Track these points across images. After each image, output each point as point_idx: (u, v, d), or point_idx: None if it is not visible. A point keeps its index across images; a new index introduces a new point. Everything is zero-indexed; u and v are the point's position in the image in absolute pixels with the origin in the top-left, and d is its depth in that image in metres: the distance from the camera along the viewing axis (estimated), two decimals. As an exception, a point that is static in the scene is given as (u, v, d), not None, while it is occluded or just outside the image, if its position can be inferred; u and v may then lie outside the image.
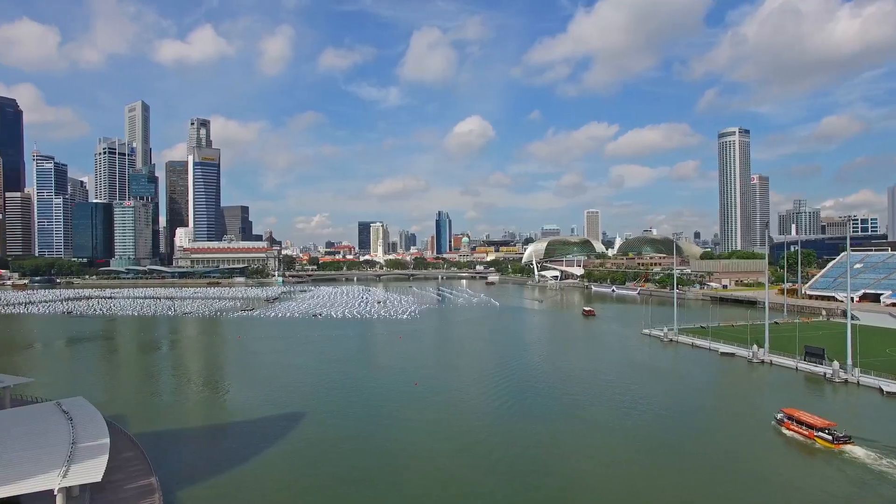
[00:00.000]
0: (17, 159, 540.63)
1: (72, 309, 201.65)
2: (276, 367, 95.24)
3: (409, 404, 70.31)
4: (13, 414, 46.95)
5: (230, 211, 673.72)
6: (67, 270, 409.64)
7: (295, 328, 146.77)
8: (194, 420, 64.74)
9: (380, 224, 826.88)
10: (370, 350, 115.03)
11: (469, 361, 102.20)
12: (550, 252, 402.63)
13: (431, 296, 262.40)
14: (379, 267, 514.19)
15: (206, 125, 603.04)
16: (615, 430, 59.76)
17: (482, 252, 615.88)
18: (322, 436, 58.10)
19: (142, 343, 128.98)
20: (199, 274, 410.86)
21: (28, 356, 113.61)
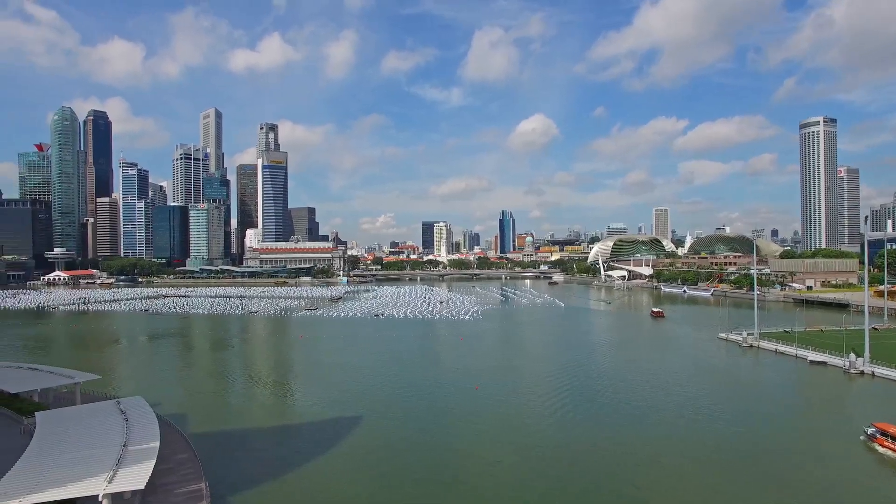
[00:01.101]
0: (107, 167, 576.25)
1: (148, 307, 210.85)
2: (336, 368, 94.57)
3: (470, 409, 67.47)
4: (76, 412, 47.29)
5: (297, 212, 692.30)
6: (148, 270, 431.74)
7: (357, 328, 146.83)
8: (251, 421, 64.16)
9: (443, 224, 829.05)
10: (431, 351, 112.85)
11: (532, 364, 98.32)
12: (617, 251, 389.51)
13: (494, 296, 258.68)
14: (442, 267, 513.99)
15: (274, 129, 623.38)
16: (688, 441, 55.07)
17: (546, 251, 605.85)
18: (380, 441, 56.08)
19: (208, 341, 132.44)
20: (267, 273, 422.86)
21: (103, 352, 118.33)
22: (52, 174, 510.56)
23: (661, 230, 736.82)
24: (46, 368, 65.19)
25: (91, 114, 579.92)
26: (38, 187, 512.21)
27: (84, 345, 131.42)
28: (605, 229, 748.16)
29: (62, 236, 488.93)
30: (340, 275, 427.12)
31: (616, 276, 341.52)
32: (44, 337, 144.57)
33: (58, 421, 43.86)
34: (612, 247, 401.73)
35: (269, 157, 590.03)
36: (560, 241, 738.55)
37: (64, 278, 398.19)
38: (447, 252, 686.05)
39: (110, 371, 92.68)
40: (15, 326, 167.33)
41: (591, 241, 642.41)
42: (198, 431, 57.10)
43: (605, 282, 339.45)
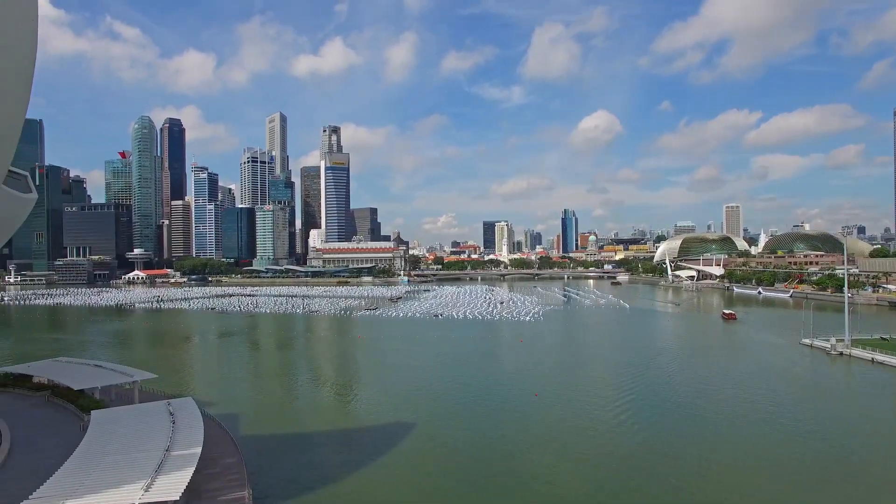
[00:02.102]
0: (181, 172, 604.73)
1: (215, 306, 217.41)
2: (393, 370, 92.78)
3: (529, 415, 63.87)
4: (127, 412, 46.99)
5: (360, 213, 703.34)
6: (217, 270, 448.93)
7: (415, 328, 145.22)
8: (303, 424, 62.77)
9: (504, 223, 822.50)
10: (490, 353, 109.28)
11: (594, 369, 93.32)
12: (685, 250, 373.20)
13: (556, 296, 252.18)
14: (503, 266, 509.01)
15: (336, 132, 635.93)
16: (766, 459, 49.31)
17: (610, 251, 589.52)
18: (436, 448, 53.43)
19: (268, 341, 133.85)
20: (329, 273, 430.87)
21: (168, 350, 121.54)
22: (133, 179, 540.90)
23: (732, 228, 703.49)
24: (109, 366, 66.24)
25: (167, 121, 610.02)
26: (121, 192, 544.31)
27: (152, 342, 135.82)
28: (672, 228, 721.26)
29: (141, 238, 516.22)
30: (401, 274, 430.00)
31: (684, 276, 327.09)
32: (118, 333, 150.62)
33: (109, 421, 43.52)
34: (680, 246, 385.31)
35: (331, 159, 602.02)
36: (624, 239, 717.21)
37: (142, 277, 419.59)
38: (508, 252, 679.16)
39: (171, 369, 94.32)
40: (96, 322, 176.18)
41: (657, 239, 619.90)
42: (249, 433, 56.20)
43: (673, 282, 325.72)
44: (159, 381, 69.55)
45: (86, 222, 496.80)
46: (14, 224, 52.87)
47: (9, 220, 50.48)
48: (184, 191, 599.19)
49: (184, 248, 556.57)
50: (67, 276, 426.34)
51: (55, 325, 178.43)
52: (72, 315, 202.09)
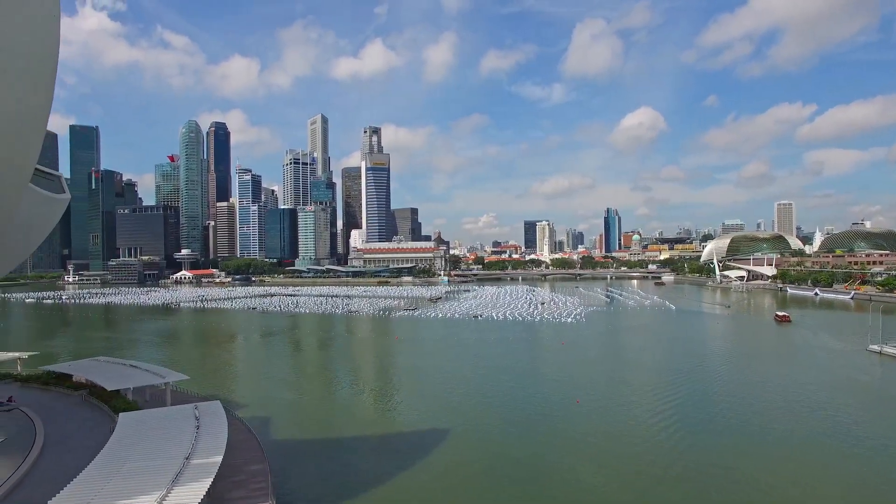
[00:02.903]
0: (226, 174, 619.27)
1: (257, 305, 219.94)
2: (430, 372, 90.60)
3: (570, 424, 60.63)
4: (153, 415, 46.07)
5: (401, 213, 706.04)
6: (260, 270, 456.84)
7: (454, 329, 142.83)
8: (334, 429, 60.99)
9: (545, 223, 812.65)
10: (529, 357, 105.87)
11: (638, 375, 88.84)
12: (734, 249, 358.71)
13: (599, 297, 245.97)
14: (544, 266, 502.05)
15: (377, 132, 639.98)
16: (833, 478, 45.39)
17: (655, 250, 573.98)
18: (471, 456, 51.02)
19: (306, 342, 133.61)
20: (369, 273, 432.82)
21: (207, 349, 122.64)
22: (181, 182, 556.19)
23: (784, 226, 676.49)
24: (144, 366, 66.06)
25: (213, 125, 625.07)
26: (170, 194, 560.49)
27: (193, 341, 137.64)
28: (720, 226, 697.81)
29: (188, 238, 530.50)
30: (441, 274, 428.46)
31: (733, 276, 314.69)
32: (162, 332, 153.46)
33: (134, 424, 42.55)
34: (729, 245, 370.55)
35: (372, 160, 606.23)
36: (669, 239, 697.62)
37: (189, 277, 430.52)
38: (550, 251, 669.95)
39: (207, 369, 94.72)
40: (143, 321, 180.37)
41: (704, 239, 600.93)
42: (278, 438, 54.93)
43: (721, 282, 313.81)
44: (194, 380, 69.33)
45: (137, 224, 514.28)
46: (48, 225, 52.75)
47: (43, 221, 50.27)
48: (229, 192, 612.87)
49: (229, 248, 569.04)
50: (120, 275, 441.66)
51: (104, 323, 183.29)
52: (121, 314, 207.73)
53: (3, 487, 37.72)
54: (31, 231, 49.74)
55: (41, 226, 50.92)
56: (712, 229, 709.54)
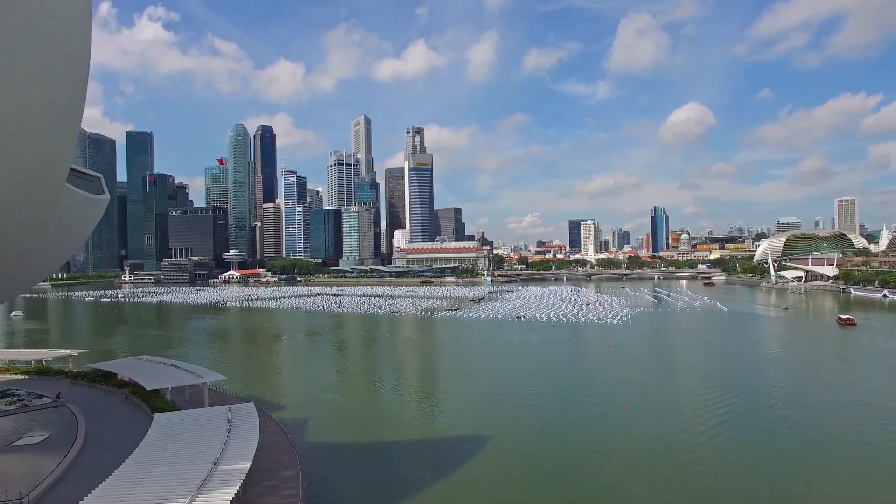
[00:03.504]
0: (272, 176, 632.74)
1: (300, 305, 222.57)
2: (470, 375, 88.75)
3: (616, 431, 57.69)
4: (186, 417, 45.89)
5: (444, 213, 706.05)
6: (305, 269, 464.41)
7: (496, 330, 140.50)
8: (372, 433, 59.53)
9: (590, 222, 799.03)
10: (575, 360, 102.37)
11: (689, 380, 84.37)
12: (790, 248, 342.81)
13: (646, 298, 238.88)
14: (589, 266, 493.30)
15: (420, 133, 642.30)
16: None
17: (704, 250, 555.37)
18: (509, 464, 49.00)
19: (347, 342, 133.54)
20: (413, 273, 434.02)
21: (249, 348, 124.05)
22: (229, 184, 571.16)
23: (846, 224, 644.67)
24: (184, 366, 66.56)
25: (259, 128, 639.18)
26: (219, 196, 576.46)
27: (235, 340, 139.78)
28: (774, 224, 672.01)
29: (236, 239, 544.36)
30: (484, 274, 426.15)
31: (790, 276, 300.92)
32: (207, 330, 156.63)
33: (167, 426, 42.40)
34: (785, 244, 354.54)
35: (415, 160, 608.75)
36: (719, 238, 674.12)
37: (236, 277, 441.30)
38: (595, 251, 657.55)
39: (247, 368, 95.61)
40: (190, 320, 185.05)
41: (757, 237, 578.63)
42: (314, 440, 54.08)
43: (776, 283, 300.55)
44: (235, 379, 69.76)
45: (188, 225, 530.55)
46: (88, 225, 53.52)
47: (82, 221, 50.89)
48: (275, 194, 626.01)
49: (275, 248, 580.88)
50: (172, 275, 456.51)
51: (154, 321, 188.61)
52: (171, 312, 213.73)
53: (42, 485, 37.95)
54: (73, 231, 50.47)
55: (81, 226, 51.63)
56: (765, 227, 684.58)
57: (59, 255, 54.38)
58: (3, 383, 71.25)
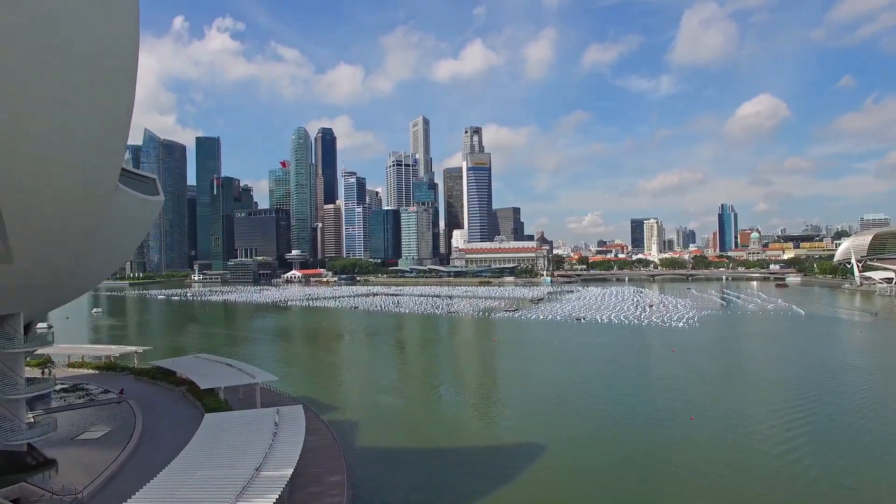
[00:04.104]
0: (333, 177, 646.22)
1: (358, 305, 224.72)
2: (527, 379, 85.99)
3: (683, 444, 53.72)
4: (234, 418, 45.72)
5: (503, 213, 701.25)
6: (365, 269, 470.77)
7: (555, 332, 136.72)
8: (423, 438, 57.74)
9: (653, 221, 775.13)
10: (637, 365, 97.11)
11: (762, 390, 78.15)
12: (878, 248, 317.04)
13: (713, 299, 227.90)
14: (653, 266, 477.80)
15: (478, 132, 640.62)
16: None
17: (777, 249, 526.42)
18: (566, 475, 46.34)
19: (402, 343, 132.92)
20: (471, 273, 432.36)
21: (304, 348, 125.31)
22: (291, 186, 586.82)
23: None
24: (238, 365, 67.19)
25: (320, 131, 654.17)
26: (282, 198, 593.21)
27: (293, 339, 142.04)
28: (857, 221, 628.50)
29: (298, 240, 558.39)
30: (544, 275, 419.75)
31: (877, 277, 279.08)
32: (267, 329, 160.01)
33: (215, 427, 42.26)
34: (870, 242, 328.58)
35: (473, 160, 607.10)
36: (794, 236, 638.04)
37: (298, 276, 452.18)
38: (658, 251, 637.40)
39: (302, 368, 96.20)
40: (253, 318, 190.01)
41: (837, 235, 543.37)
42: (364, 445, 52.94)
43: (860, 285, 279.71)
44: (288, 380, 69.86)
45: (252, 226, 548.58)
46: (143, 225, 54.38)
47: (138, 221, 51.63)
48: (335, 195, 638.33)
49: (335, 248, 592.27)
50: (237, 274, 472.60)
51: (218, 319, 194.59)
52: (234, 311, 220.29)
53: (96, 481, 38.35)
54: (129, 231, 51.31)
55: (137, 226, 52.46)
56: (847, 225, 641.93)
57: (118, 254, 55.56)
58: (76, 377, 74.31)
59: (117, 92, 35.00)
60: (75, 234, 40.72)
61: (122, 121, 36.25)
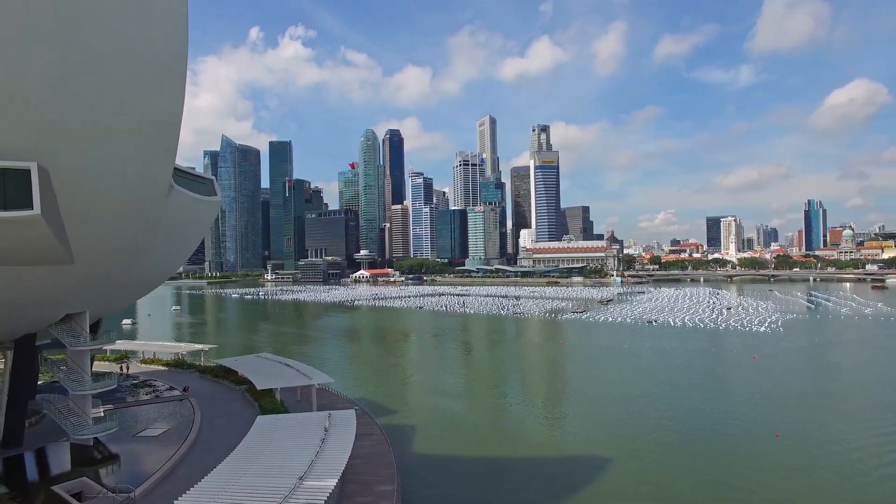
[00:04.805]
0: (400, 178, 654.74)
1: (423, 305, 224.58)
2: (593, 385, 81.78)
3: (766, 464, 48.47)
4: (285, 422, 44.84)
5: (571, 211, 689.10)
6: (432, 269, 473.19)
7: (625, 335, 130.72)
8: (482, 447, 54.83)
9: (731, 218, 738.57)
10: (714, 373, 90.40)
11: (860, 406, 70.42)
12: None
13: (799, 302, 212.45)
14: (730, 266, 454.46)
15: (546, 130, 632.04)
16: None
17: (874, 247, 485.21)
18: (630, 494, 42.53)
19: (465, 345, 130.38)
20: (538, 273, 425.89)
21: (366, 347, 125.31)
22: (360, 187, 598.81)
23: None
24: (296, 365, 66.91)
25: (388, 133, 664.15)
26: (351, 199, 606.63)
27: (357, 339, 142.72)
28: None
29: (366, 240, 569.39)
30: (613, 275, 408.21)
31: None
32: (332, 328, 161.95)
33: (264, 431, 41.46)
34: None
35: (540, 158, 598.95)
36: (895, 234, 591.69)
37: (366, 276, 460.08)
38: (737, 250, 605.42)
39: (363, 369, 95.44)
40: (319, 318, 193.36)
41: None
42: (420, 452, 50.98)
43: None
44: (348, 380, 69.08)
45: (322, 227, 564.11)
46: (202, 225, 54.80)
47: (195, 221, 51.93)
48: (403, 195, 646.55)
49: (402, 248, 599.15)
50: (308, 274, 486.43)
51: (286, 318, 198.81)
52: (302, 310, 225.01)
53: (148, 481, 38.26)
54: (186, 231, 51.72)
55: (195, 226, 52.85)
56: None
57: (177, 254, 56.29)
58: (147, 373, 76.63)
59: (167, 90, 34.86)
60: (131, 235, 41.06)
61: (173, 119, 36.08)
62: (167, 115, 35.81)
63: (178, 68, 34.52)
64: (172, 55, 33.81)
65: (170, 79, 34.50)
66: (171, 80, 34.60)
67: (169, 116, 35.91)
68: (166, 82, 34.53)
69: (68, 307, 45.57)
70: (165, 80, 34.42)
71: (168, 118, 35.95)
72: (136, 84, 33.73)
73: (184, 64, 34.65)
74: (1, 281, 36.72)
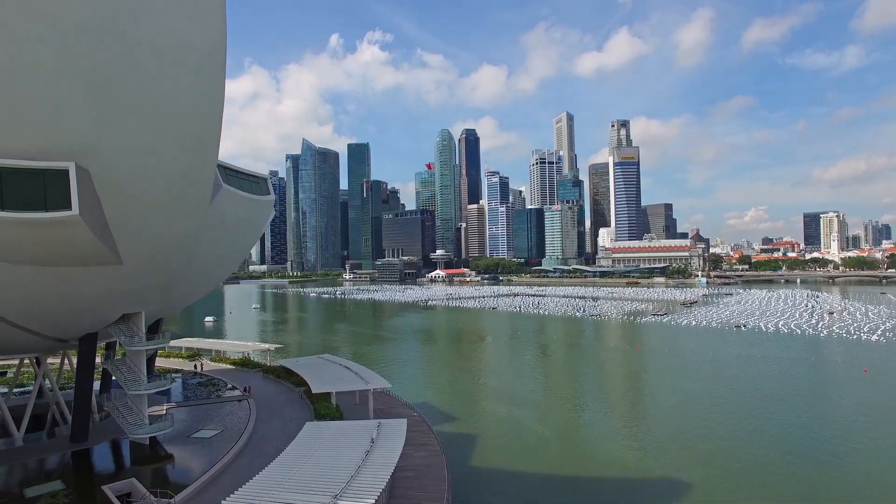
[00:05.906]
0: (476, 178, 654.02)
1: (497, 305, 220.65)
2: (673, 396, 75.29)
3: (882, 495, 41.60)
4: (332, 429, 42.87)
5: (653, 209, 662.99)
6: (508, 269, 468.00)
7: (710, 341, 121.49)
8: (539, 461, 50.85)
9: (833, 214, 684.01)
10: (813, 386, 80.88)
11: None
12: None
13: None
14: (832, 266, 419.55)
15: (625, 126, 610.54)
16: None
17: None
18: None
19: (538, 348, 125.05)
20: (618, 273, 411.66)
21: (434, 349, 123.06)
22: (436, 187, 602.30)
23: None
24: (356, 368, 65.31)
25: (463, 133, 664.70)
26: (427, 199, 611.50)
27: (427, 340, 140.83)
28: None
29: (442, 240, 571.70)
30: (698, 275, 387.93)
31: None
32: (403, 329, 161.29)
33: (309, 440, 39.68)
34: None
35: (620, 154, 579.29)
36: None
37: (441, 276, 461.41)
38: (839, 248, 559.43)
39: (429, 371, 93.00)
40: (391, 317, 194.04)
41: None
42: (476, 465, 47.67)
43: None
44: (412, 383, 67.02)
45: (399, 227, 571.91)
46: (255, 226, 53.93)
47: (247, 222, 51.07)
48: (479, 195, 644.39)
49: (479, 248, 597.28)
50: (384, 273, 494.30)
51: (360, 317, 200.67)
52: (377, 309, 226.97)
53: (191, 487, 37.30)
54: (238, 232, 50.96)
55: (247, 226, 51.99)
56: None
57: (231, 255, 55.84)
58: (212, 372, 77.75)
59: (206, 85, 33.66)
60: (177, 234, 40.29)
61: (213, 116, 34.86)
62: (207, 112, 34.71)
63: (217, 64, 33.24)
64: (211, 51, 32.62)
65: (209, 75, 33.33)
66: (210, 76, 33.46)
67: (209, 113, 34.80)
68: (205, 78, 33.44)
69: (124, 307, 45.71)
70: (204, 77, 33.39)
71: (208, 115, 34.83)
72: (174, 81, 32.86)
73: (222, 60, 33.36)
74: (54, 281, 36.89)
